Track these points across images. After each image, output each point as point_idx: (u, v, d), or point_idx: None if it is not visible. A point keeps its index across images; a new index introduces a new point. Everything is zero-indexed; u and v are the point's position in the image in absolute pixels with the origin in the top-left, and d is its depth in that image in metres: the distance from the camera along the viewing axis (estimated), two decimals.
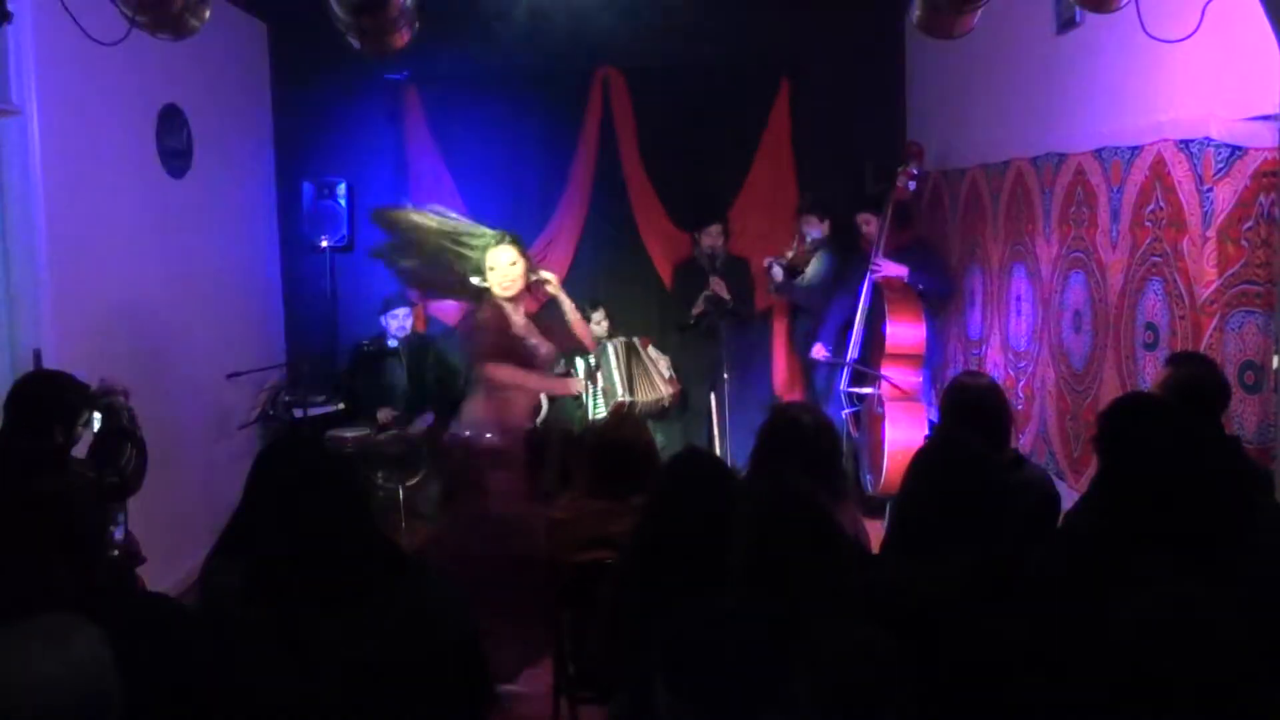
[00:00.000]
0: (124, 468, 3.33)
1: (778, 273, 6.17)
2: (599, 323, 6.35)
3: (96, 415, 3.37)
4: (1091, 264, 4.30)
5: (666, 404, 6.29)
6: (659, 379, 6.31)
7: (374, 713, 2.00)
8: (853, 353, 5.70)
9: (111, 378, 3.57)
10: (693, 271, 6.43)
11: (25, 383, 3.34)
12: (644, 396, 6.26)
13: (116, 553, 3.31)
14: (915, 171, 5.68)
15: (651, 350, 6.44)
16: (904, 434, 5.28)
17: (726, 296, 6.20)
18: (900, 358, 5.53)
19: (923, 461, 2.49)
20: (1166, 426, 2.57)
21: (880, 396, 5.54)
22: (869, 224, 5.88)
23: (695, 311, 6.28)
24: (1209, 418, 3.03)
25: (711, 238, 6.34)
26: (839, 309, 5.92)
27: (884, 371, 5.52)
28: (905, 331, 5.50)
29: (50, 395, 3.23)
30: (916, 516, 2.41)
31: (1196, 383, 3.06)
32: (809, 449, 2.98)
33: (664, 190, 6.71)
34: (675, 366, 6.52)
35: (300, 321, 6.80)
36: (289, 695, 1.96)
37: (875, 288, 5.63)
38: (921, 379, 5.64)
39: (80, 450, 3.41)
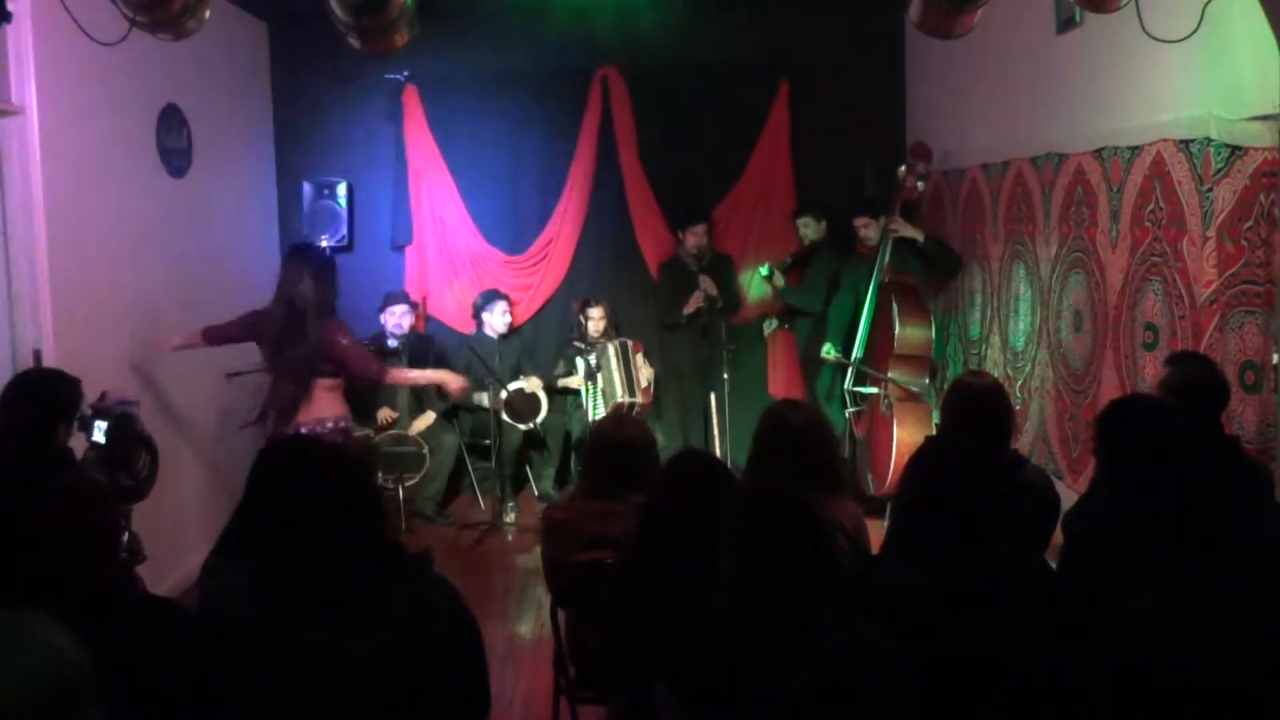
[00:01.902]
0: (139, 472, 3.35)
1: (767, 273, 6.22)
2: (598, 320, 6.35)
3: (99, 425, 3.37)
4: (1091, 264, 4.30)
5: (635, 412, 6.28)
6: (637, 386, 6.31)
7: (373, 713, 2.00)
8: (856, 352, 5.70)
9: (120, 389, 3.57)
10: (676, 269, 6.44)
11: (21, 382, 3.33)
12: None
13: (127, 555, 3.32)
14: (923, 171, 5.69)
15: (639, 358, 6.41)
16: (912, 435, 5.28)
17: (715, 293, 6.22)
18: (908, 359, 5.53)
19: (919, 462, 2.49)
20: (1163, 427, 2.57)
21: (888, 398, 5.54)
22: (867, 227, 5.90)
23: (688, 311, 6.29)
24: (1208, 417, 3.03)
25: (697, 236, 6.36)
26: (839, 310, 5.93)
27: (891, 373, 5.53)
28: (914, 333, 5.51)
29: (49, 394, 3.24)
30: (914, 517, 2.41)
31: (1195, 382, 3.06)
32: (800, 446, 2.98)
33: (662, 190, 6.72)
34: (675, 366, 6.51)
35: None
36: (289, 695, 1.96)
37: (882, 288, 5.63)
38: (927, 380, 5.65)
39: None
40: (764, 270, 6.31)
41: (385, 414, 6.09)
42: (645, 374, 6.41)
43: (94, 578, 1.97)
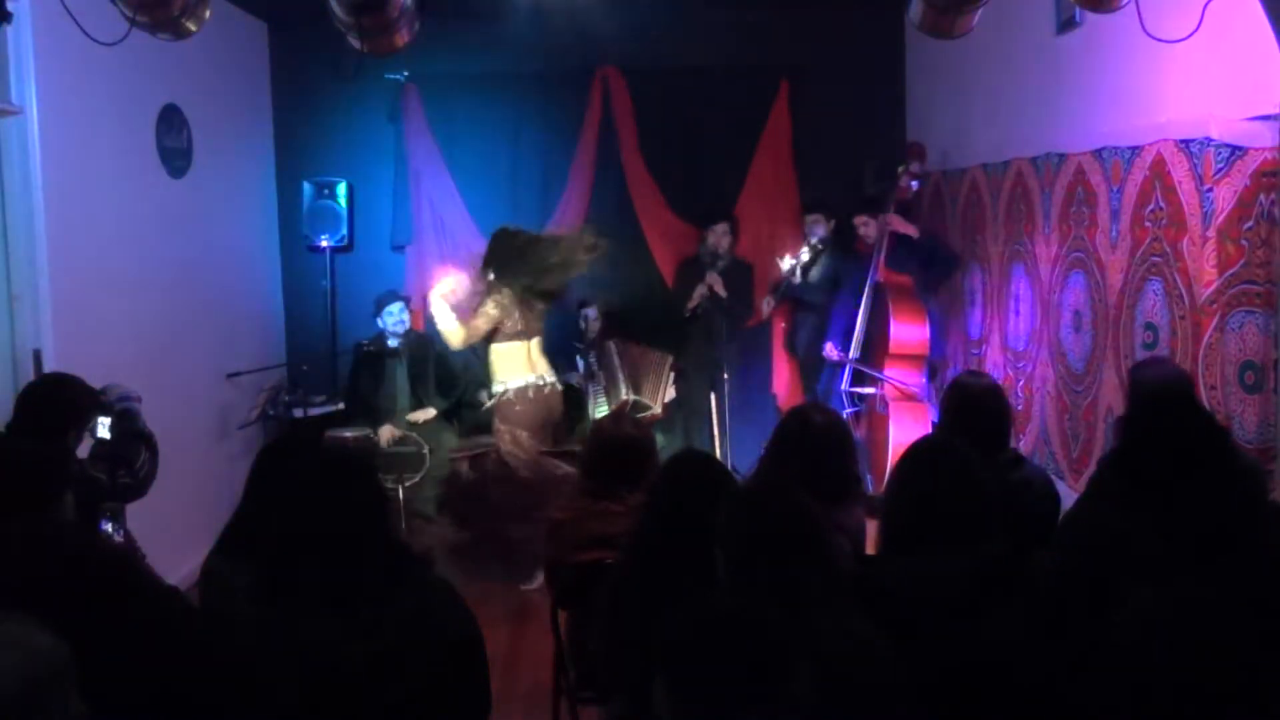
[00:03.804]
0: (139, 469, 3.35)
1: (790, 266, 6.17)
2: (594, 320, 6.34)
3: (103, 421, 3.37)
4: (1091, 264, 4.30)
5: (656, 415, 6.26)
6: (658, 397, 6.29)
7: (373, 714, 2.00)
8: (854, 353, 5.71)
9: (122, 384, 3.57)
10: (694, 269, 6.43)
11: (40, 386, 3.36)
12: (644, 399, 6.25)
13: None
14: (917, 171, 5.69)
15: (672, 375, 6.38)
16: (909, 434, 5.28)
17: (723, 293, 6.18)
18: (904, 358, 5.54)
19: (906, 463, 2.49)
20: (1197, 422, 2.55)
21: (885, 397, 5.54)
22: (866, 225, 5.90)
23: (689, 305, 6.28)
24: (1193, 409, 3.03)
25: (716, 235, 6.34)
26: (843, 309, 5.93)
27: (887, 372, 5.53)
28: (909, 332, 5.51)
29: (66, 399, 3.24)
30: (902, 517, 2.42)
31: (1171, 379, 3.07)
32: (815, 448, 2.98)
33: (665, 190, 6.71)
34: (675, 367, 6.50)
35: (300, 321, 6.80)
36: (289, 695, 1.96)
37: (877, 288, 5.63)
38: (924, 379, 5.65)
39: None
40: (785, 265, 6.26)
41: (387, 433, 6.06)
42: (670, 390, 6.37)
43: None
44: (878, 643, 1.98)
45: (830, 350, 5.89)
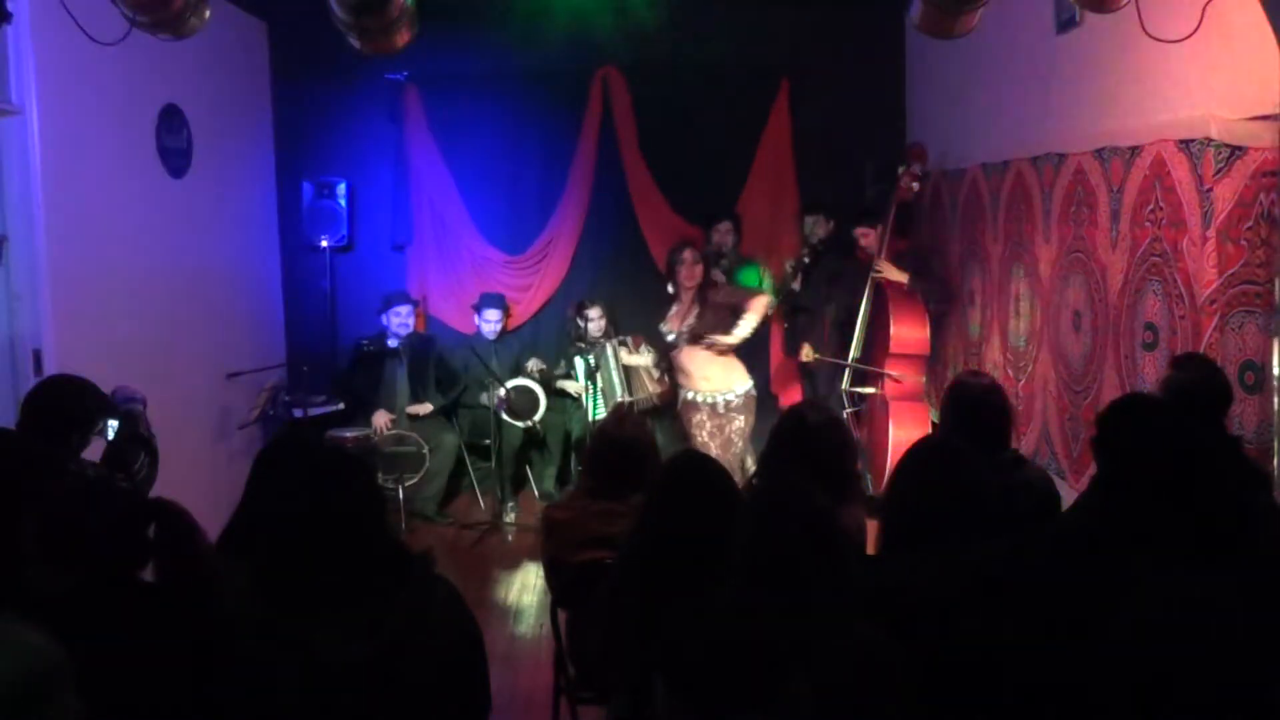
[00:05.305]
0: (136, 473, 3.34)
1: (790, 269, 6.17)
2: (596, 320, 6.34)
3: (112, 424, 3.36)
4: (1091, 264, 4.30)
5: (657, 403, 6.25)
6: (647, 379, 6.28)
7: (373, 714, 2.00)
8: (854, 353, 5.70)
9: (130, 387, 3.56)
10: None
11: (43, 387, 3.33)
12: (637, 395, 6.25)
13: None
14: (919, 172, 5.68)
15: (643, 349, 6.38)
16: (908, 434, 5.28)
17: None
18: (904, 358, 5.53)
19: (906, 463, 2.49)
20: (1164, 427, 2.56)
21: (885, 397, 5.54)
22: (866, 236, 5.89)
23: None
24: (1210, 420, 3.03)
25: (720, 234, 6.33)
26: (838, 311, 5.93)
27: (887, 372, 5.53)
28: (909, 333, 5.51)
29: (69, 399, 3.22)
30: (901, 517, 2.42)
31: (1199, 385, 3.05)
32: (814, 448, 2.98)
33: (666, 189, 6.71)
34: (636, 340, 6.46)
35: (300, 321, 6.80)
36: (288, 695, 1.96)
37: (878, 288, 5.63)
38: (924, 379, 5.65)
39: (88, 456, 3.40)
40: (763, 283, 6.26)
41: (382, 419, 6.05)
42: (643, 360, 6.33)
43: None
44: (879, 642, 1.98)
45: (805, 353, 5.85)
